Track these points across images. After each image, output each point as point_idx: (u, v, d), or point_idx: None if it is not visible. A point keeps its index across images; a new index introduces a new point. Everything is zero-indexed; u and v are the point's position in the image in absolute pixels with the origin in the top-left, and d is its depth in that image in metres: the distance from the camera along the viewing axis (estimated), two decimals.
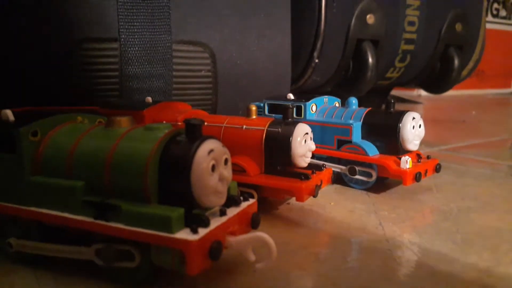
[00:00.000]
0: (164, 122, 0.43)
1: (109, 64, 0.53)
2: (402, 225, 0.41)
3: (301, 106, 0.54)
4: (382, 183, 0.53)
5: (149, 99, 0.49)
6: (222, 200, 0.30)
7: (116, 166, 0.29)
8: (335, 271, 0.32)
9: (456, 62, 0.97)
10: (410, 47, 0.92)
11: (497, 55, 2.03)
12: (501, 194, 0.51)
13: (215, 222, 0.28)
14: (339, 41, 0.81)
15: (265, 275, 0.31)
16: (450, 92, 1.14)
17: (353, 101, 0.56)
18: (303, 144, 0.42)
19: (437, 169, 0.51)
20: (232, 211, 0.30)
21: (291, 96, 0.56)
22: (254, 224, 0.32)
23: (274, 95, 0.57)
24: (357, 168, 0.52)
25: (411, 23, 0.90)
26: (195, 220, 0.27)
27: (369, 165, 0.51)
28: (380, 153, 0.51)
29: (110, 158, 0.29)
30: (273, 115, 0.54)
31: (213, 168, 0.28)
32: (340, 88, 0.87)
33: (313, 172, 0.43)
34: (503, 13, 2.26)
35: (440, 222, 0.42)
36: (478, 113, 1.42)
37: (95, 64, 0.53)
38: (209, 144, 0.28)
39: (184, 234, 0.26)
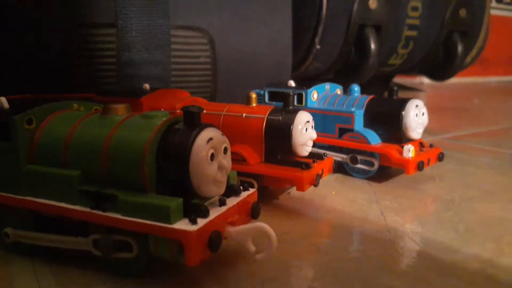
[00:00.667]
0: (162, 109, 0.42)
1: (106, 50, 0.52)
2: (404, 214, 0.41)
3: (302, 94, 0.53)
4: (384, 172, 0.52)
5: (147, 86, 0.48)
6: (222, 189, 0.29)
7: (113, 155, 0.28)
8: (336, 261, 0.32)
9: (460, 48, 0.96)
10: (413, 33, 0.91)
11: (502, 42, 2.01)
12: (504, 183, 0.51)
13: (215, 212, 0.28)
14: (341, 27, 0.80)
15: (265, 266, 0.31)
16: (453, 80, 1.13)
17: (355, 88, 0.55)
18: (304, 132, 0.41)
19: (440, 158, 0.51)
20: (231, 201, 0.30)
21: (292, 83, 0.55)
22: (254, 214, 0.32)
23: (274, 82, 0.56)
24: (358, 157, 0.51)
25: (414, 9, 0.89)
26: (194, 210, 0.27)
27: (371, 154, 0.50)
28: (383, 141, 0.50)
29: (107, 146, 0.29)
30: (274, 102, 0.53)
31: (212, 157, 0.28)
32: (342, 75, 0.86)
33: (314, 161, 0.42)
34: None
35: (442, 212, 0.42)
36: (481, 101, 1.41)
37: (91, 50, 0.52)
38: (208, 133, 0.28)
39: (183, 225, 0.26)
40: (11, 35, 0.52)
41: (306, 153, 0.42)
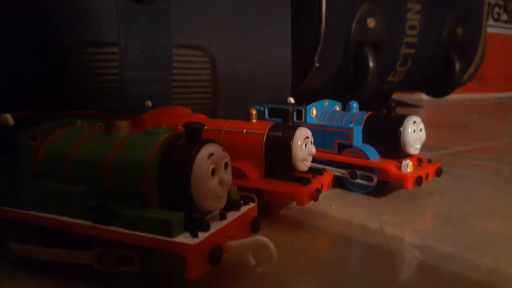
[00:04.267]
0: (164, 126, 0.43)
1: (109, 68, 0.53)
2: (403, 229, 0.41)
3: (301, 110, 0.54)
4: (383, 187, 0.53)
5: (149, 103, 0.49)
6: (222, 204, 0.29)
7: (116, 170, 0.29)
8: (336, 276, 0.32)
9: (457, 66, 0.97)
10: (411, 51, 0.92)
11: (499, 59, 2.03)
12: (503, 199, 0.51)
13: (215, 226, 0.28)
14: (340, 45, 0.81)
15: (265, 280, 0.31)
16: (451, 96, 1.14)
17: (354, 105, 0.56)
18: (303, 148, 0.42)
19: (438, 173, 0.51)
20: (232, 215, 0.30)
21: (291, 100, 0.56)
22: (254, 228, 0.32)
23: (274, 99, 0.57)
24: (358, 172, 0.51)
25: (412, 27, 0.90)
26: (195, 224, 0.27)
27: (370, 169, 0.51)
28: (381, 157, 0.51)
29: (110, 162, 0.29)
30: (274, 119, 0.54)
31: (213, 172, 0.28)
32: (341, 92, 0.87)
33: (313, 176, 0.43)
34: (504, 17, 2.27)
35: (441, 226, 0.42)
36: (479, 117, 1.42)
37: (94, 69, 0.53)
38: (209, 148, 0.28)
39: (184, 238, 0.26)
40: (14, 53, 0.53)
41: (305, 168, 0.43)
